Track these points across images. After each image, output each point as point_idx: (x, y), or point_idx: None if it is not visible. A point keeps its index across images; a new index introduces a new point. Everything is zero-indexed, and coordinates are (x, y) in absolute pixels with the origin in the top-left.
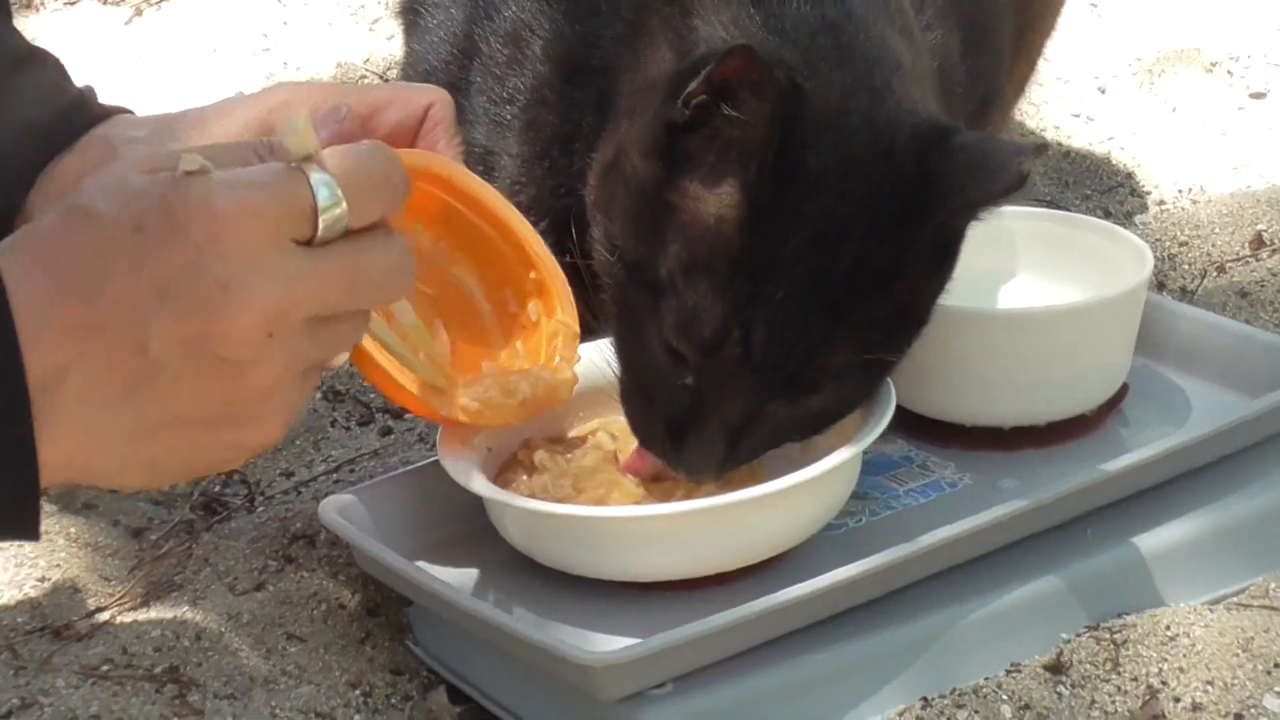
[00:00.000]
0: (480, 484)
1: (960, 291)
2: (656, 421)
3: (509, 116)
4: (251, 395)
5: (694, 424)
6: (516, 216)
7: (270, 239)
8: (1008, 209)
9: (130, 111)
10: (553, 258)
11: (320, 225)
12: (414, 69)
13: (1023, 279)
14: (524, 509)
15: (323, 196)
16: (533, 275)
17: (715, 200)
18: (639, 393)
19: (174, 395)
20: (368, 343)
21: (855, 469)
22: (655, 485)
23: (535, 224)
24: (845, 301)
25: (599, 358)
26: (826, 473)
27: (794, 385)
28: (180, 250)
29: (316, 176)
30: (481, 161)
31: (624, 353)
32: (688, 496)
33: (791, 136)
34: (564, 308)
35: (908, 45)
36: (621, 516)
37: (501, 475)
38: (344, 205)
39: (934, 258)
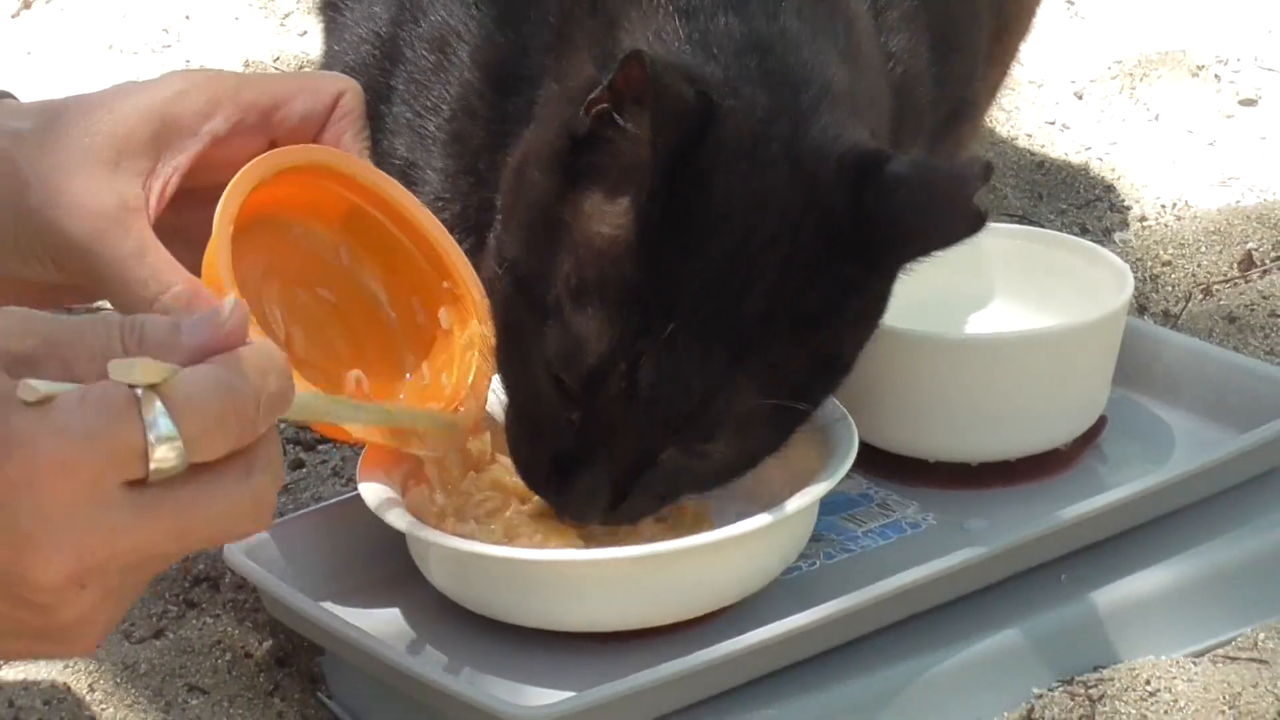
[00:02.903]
0: (402, 519)
1: (923, 315)
2: (541, 458)
3: (433, 128)
4: (62, 629)
5: (578, 464)
6: (430, 219)
7: (89, 491)
8: None
9: (12, 96)
10: (470, 266)
11: (151, 468)
12: (331, 69)
13: (991, 301)
14: (451, 549)
15: (159, 429)
16: (446, 284)
17: (608, 221)
18: (524, 424)
19: None
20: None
21: (812, 516)
22: (597, 531)
23: (460, 243)
24: (753, 344)
25: None
26: (782, 520)
27: (688, 429)
28: None
29: (157, 409)
30: (402, 175)
31: (508, 378)
32: (629, 543)
33: (698, 158)
34: (481, 319)
35: (847, 66)
36: (558, 560)
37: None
38: (180, 450)
39: (869, 304)
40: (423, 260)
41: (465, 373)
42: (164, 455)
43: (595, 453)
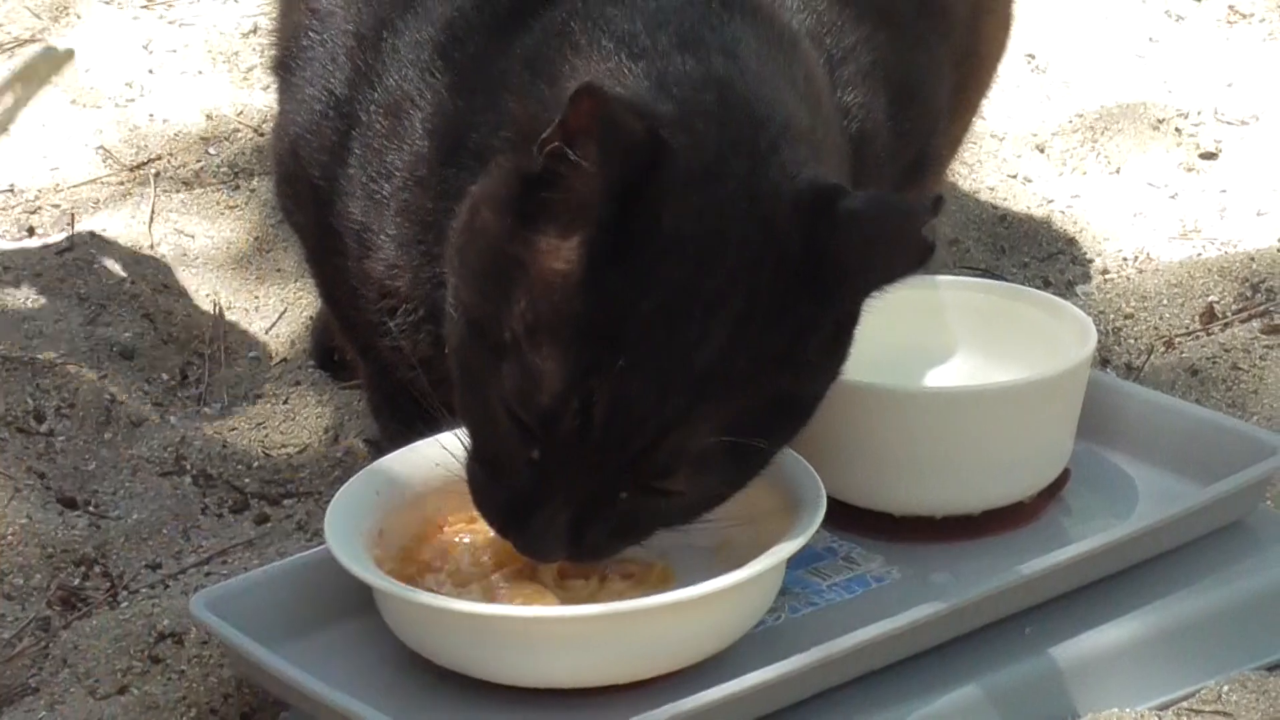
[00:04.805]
0: (368, 573)
1: (888, 368)
2: (501, 497)
3: (386, 194)
4: None
5: (536, 501)
6: None
7: None
8: (939, 278)
9: None
10: None
11: None
12: (285, 130)
13: (955, 355)
14: (415, 603)
15: None
16: None
17: (561, 256)
18: (485, 466)
19: None
20: None
21: (778, 576)
22: (568, 590)
23: (410, 314)
24: (711, 382)
25: None
26: (747, 580)
27: (643, 466)
28: None
29: None
30: (357, 239)
31: (468, 421)
32: (595, 600)
33: (648, 193)
34: None
35: (807, 107)
36: (520, 617)
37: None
38: None
39: (830, 344)
40: None
41: None
42: None
43: (553, 490)
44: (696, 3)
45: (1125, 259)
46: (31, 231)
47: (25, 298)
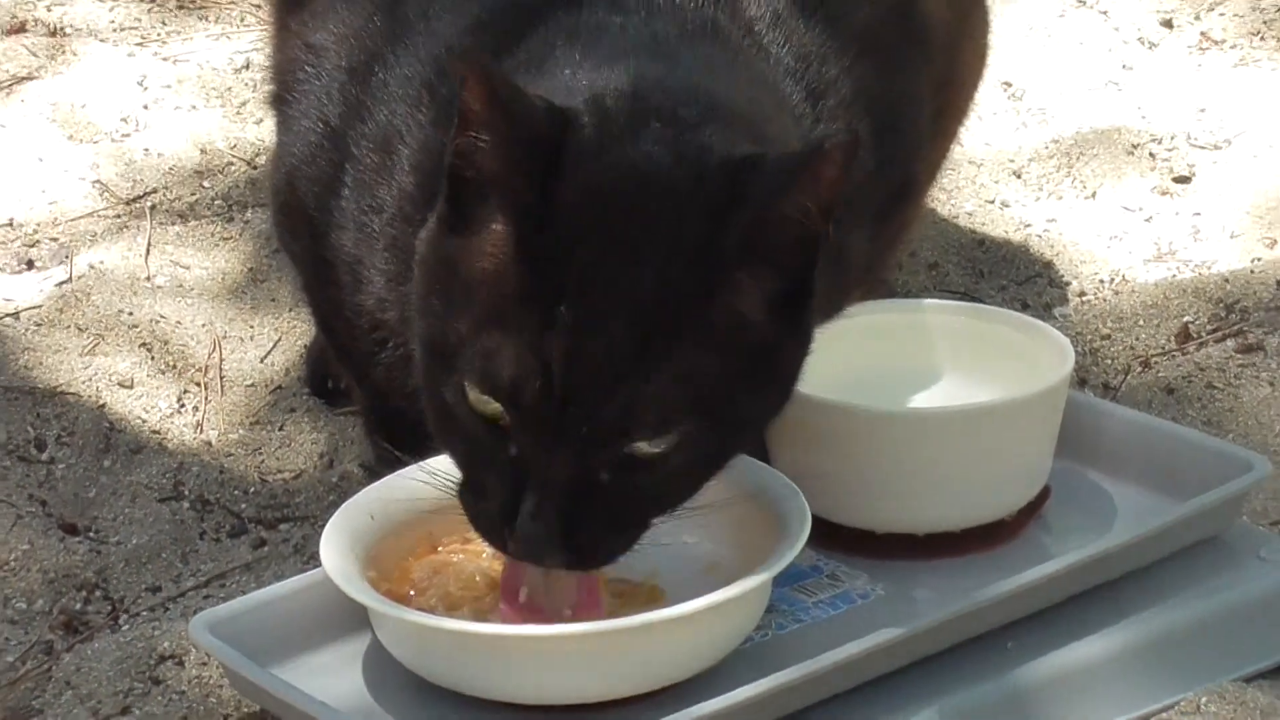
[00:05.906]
0: (364, 594)
1: (870, 390)
2: (491, 509)
3: (376, 229)
4: None
5: (520, 495)
6: None
7: None
8: (923, 301)
9: None
10: None
11: None
12: (282, 162)
13: (936, 376)
14: (409, 623)
15: None
16: None
17: (490, 241)
18: (472, 489)
19: None
20: None
21: (765, 594)
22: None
23: (396, 349)
24: (653, 330)
25: None
26: (733, 598)
27: (609, 423)
28: None
29: None
30: (350, 271)
31: (445, 445)
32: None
33: (561, 161)
34: None
35: (749, 101)
36: (513, 635)
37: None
38: None
39: (780, 304)
40: None
41: None
42: None
43: (532, 475)
44: (656, 38)
45: (1102, 281)
46: (30, 264)
47: (25, 329)
